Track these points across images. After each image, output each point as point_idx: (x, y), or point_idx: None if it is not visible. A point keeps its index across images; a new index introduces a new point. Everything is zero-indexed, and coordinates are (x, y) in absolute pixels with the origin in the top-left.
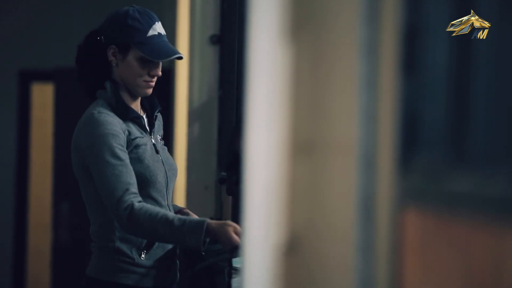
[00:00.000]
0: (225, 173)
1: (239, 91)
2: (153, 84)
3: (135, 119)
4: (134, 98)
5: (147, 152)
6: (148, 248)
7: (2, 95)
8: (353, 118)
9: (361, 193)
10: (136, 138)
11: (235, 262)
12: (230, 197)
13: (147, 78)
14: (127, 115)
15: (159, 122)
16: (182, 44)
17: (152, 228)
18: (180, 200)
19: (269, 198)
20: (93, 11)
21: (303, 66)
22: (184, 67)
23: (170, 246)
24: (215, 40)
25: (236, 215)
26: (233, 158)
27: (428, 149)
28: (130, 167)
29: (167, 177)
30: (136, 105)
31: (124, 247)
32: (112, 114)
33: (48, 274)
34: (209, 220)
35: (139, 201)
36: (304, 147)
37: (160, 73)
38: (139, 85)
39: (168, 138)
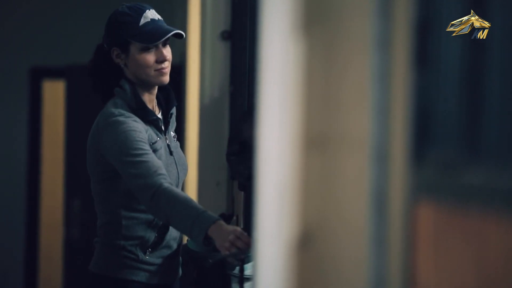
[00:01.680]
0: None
1: (251, 87)
2: (166, 70)
3: (153, 121)
4: (151, 94)
5: (162, 156)
6: (154, 246)
7: (14, 92)
8: (366, 112)
9: (374, 187)
10: (154, 142)
11: (246, 269)
12: (242, 192)
13: (156, 66)
14: (146, 117)
15: (173, 118)
16: (193, 40)
17: (171, 207)
18: (191, 196)
19: (281, 193)
20: (104, 8)
21: (316, 61)
22: (195, 63)
23: (175, 245)
24: (226, 36)
25: (248, 210)
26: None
27: (441, 143)
28: (154, 156)
29: (178, 178)
30: (152, 102)
31: (128, 245)
32: (132, 115)
33: (60, 271)
34: (221, 221)
35: (168, 182)
36: (316, 142)
37: (167, 56)
38: (152, 76)
39: (180, 134)
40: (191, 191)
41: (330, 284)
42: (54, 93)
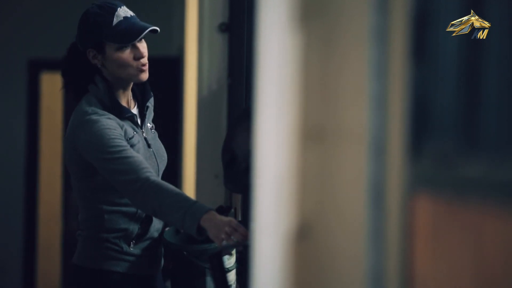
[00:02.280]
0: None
1: (249, 79)
2: (145, 67)
3: (129, 118)
4: (126, 90)
5: (140, 150)
6: (138, 238)
7: (12, 84)
8: (364, 105)
9: (372, 180)
10: (131, 137)
11: (225, 261)
12: None
13: (135, 63)
14: (121, 115)
15: (150, 109)
16: (191, 33)
17: (159, 200)
18: (190, 188)
19: (279, 186)
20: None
21: (313, 54)
22: (193, 55)
23: (156, 234)
24: (224, 28)
25: (246, 203)
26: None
27: (439, 135)
28: (133, 150)
29: (158, 170)
30: (127, 98)
31: (111, 237)
32: (106, 113)
33: (59, 264)
34: (213, 212)
35: (154, 176)
36: (314, 134)
37: (144, 52)
38: (132, 74)
39: (177, 127)
40: (189, 184)
41: (327, 277)
42: (52, 86)
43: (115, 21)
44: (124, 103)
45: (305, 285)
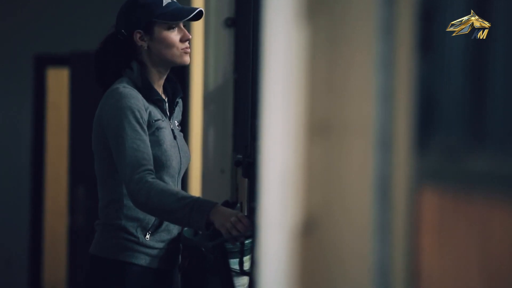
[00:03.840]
0: (241, 156)
1: (255, 74)
2: (189, 50)
3: (158, 102)
4: (160, 79)
5: (167, 136)
6: (154, 229)
7: (18, 80)
8: (370, 99)
9: (378, 174)
10: (157, 120)
11: (233, 264)
12: (246, 180)
13: (181, 45)
14: (151, 96)
15: (178, 109)
16: (197, 28)
17: (162, 201)
18: (196, 183)
19: (285, 180)
20: None
21: (319, 48)
22: (199, 50)
23: (175, 231)
24: (230, 23)
25: (252, 198)
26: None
27: (445, 129)
28: (148, 144)
29: (181, 164)
30: (160, 89)
31: (129, 226)
32: (136, 91)
33: (65, 258)
34: (219, 205)
35: (153, 178)
36: (320, 128)
37: (190, 35)
38: (177, 55)
39: (184, 122)
40: (196, 179)
41: (333, 271)
42: (58, 81)
43: (164, 2)
44: (158, 90)
45: (312, 279)
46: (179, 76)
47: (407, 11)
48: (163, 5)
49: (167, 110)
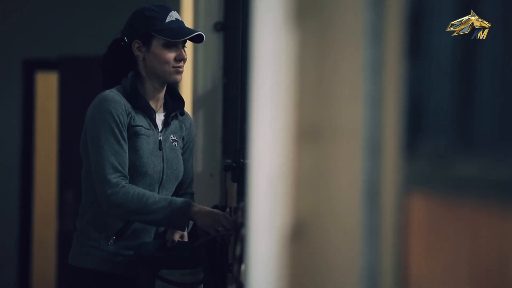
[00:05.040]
0: (230, 160)
1: (244, 79)
2: (182, 69)
3: (145, 110)
4: (156, 91)
5: (146, 144)
6: (118, 235)
7: (7, 84)
8: (358, 104)
9: (367, 179)
10: (138, 126)
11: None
12: (235, 184)
13: (174, 63)
14: (136, 102)
15: (180, 125)
16: None
17: (141, 203)
18: None
19: (274, 184)
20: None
21: (308, 52)
22: (188, 54)
23: (147, 238)
24: (219, 27)
25: (241, 202)
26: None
27: (434, 134)
28: (126, 150)
29: (162, 174)
30: (157, 101)
31: (92, 231)
32: (120, 96)
33: (54, 263)
34: (193, 203)
35: (127, 183)
36: (309, 133)
37: (186, 56)
38: (169, 72)
39: None
40: None
41: (322, 275)
42: (47, 85)
43: (168, 19)
44: (151, 101)
45: (300, 283)
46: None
47: (395, 15)
48: (166, 21)
49: (158, 122)
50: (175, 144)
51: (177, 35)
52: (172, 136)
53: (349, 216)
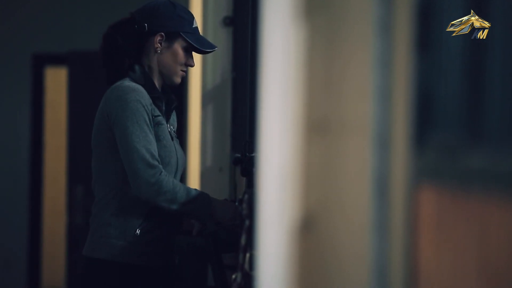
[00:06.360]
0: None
1: (253, 73)
2: (184, 74)
3: (157, 100)
4: (158, 87)
5: (167, 134)
6: (144, 226)
7: (16, 79)
8: (368, 97)
9: (376, 172)
10: (158, 116)
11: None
12: (245, 178)
13: (183, 67)
14: (152, 92)
15: (174, 117)
16: None
17: (182, 193)
18: (194, 182)
19: (283, 178)
20: None
21: (317, 46)
22: None
23: (165, 227)
24: (228, 22)
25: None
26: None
27: (443, 127)
28: (155, 139)
29: (177, 164)
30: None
31: (117, 222)
32: (141, 86)
33: (64, 258)
34: (213, 197)
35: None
36: (318, 127)
37: (193, 64)
38: (177, 73)
39: (183, 120)
40: (194, 177)
41: (331, 268)
42: (56, 80)
43: (194, 24)
44: None
45: (310, 276)
46: None
47: (404, 9)
48: (193, 26)
49: (164, 114)
50: (176, 136)
51: (204, 45)
52: (171, 127)
53: (358, 209)
